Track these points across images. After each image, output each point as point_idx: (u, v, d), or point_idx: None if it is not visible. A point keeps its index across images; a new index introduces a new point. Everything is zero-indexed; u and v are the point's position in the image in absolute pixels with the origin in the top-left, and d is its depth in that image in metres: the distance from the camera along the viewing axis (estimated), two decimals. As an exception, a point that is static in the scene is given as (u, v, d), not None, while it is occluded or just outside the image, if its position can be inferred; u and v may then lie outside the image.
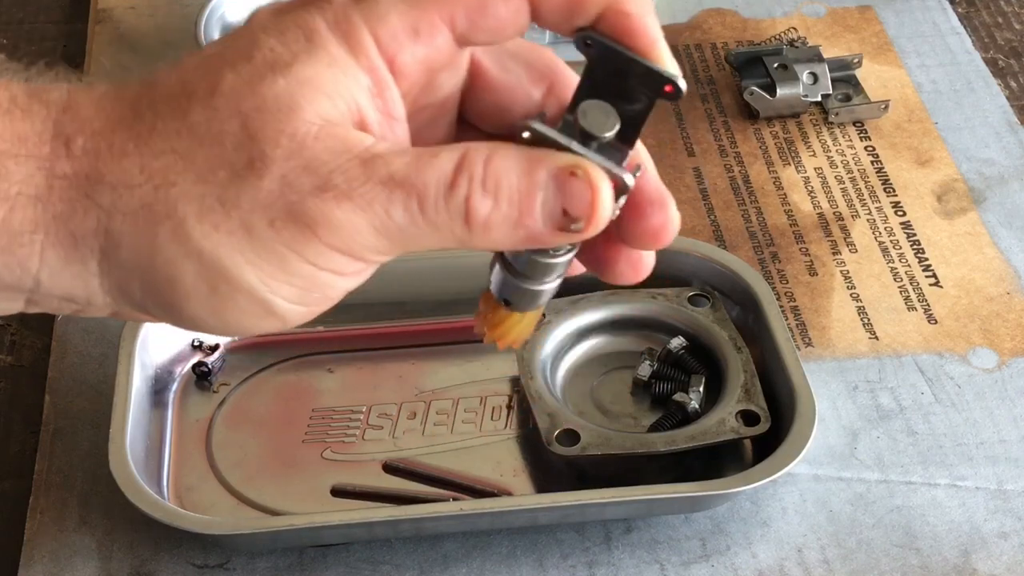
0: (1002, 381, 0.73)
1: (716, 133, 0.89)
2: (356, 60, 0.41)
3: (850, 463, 0.69)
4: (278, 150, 0.40)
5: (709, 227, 0.82)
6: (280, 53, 0.41)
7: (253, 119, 0.40)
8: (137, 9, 0.98)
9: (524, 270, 0.44)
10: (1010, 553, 0.65)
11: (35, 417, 0.71)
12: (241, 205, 0.40)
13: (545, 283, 0.45)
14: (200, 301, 0.42)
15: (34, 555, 0.64)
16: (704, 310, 0.72)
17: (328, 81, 0.40)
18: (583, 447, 0.65)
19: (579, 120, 0.42)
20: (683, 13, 0.99)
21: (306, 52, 0.40)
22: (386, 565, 0.65)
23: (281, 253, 0.41)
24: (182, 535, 0.63)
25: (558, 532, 0.66)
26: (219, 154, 0.40)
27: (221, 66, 0.41)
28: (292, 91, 0.40)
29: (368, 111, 0.41)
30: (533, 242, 0.42)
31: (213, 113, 0.40)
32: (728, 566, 0.65)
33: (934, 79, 0.93)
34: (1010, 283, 0.79)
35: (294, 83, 0.40)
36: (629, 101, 0.42)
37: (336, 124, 0.40)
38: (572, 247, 0.44)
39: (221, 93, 0.41)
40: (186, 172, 0.40)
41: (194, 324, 0.43)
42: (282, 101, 0.40)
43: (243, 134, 0.40)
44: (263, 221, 0.40)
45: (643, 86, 0.42)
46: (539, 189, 0.40)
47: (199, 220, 0.40)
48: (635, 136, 0.43)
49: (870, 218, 0.83)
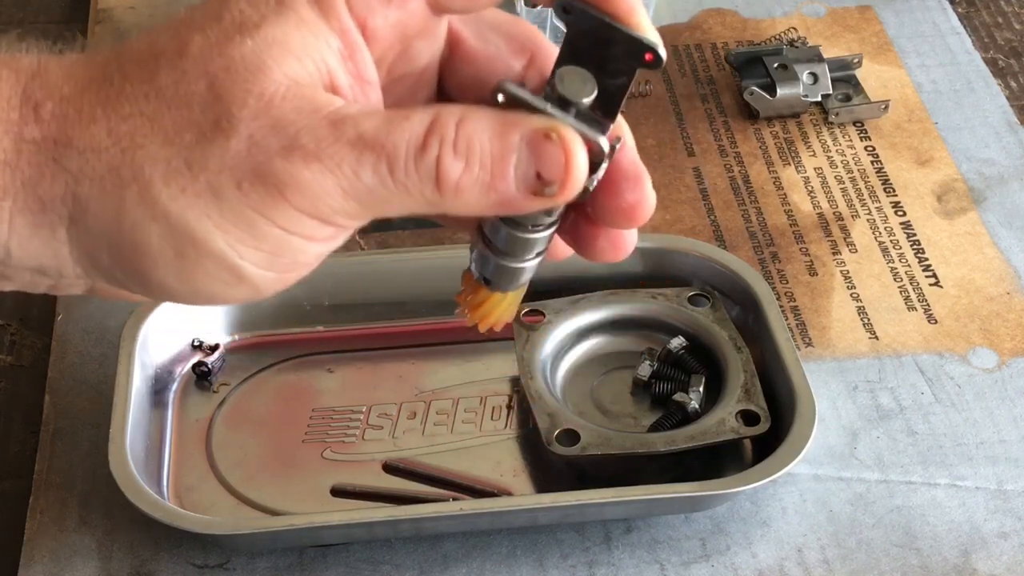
0: (1002, 381, 0.73)
1: (716, 133, 0.89)
2: (327, 22, 0.40)
3: (850, 463, 0.69)
4: (244, 110, 0.39)
5: (709, 227, 0.82)
6: (249, 15, 0.40)
7: (220, 80, 0.40)
8: (137, 9, 0.98)
9: (503, 247, 0.44)
10: (1010, 553, 0.65)
11: (35, 417, 0.71)
12: (208, 167, 0.40)
13: (525, 261, 0.45)
14: (167, 267, 0.41)
15: (34, 555, 0.64)
16: (704, 310, 0.72)
17: (297, 42, 0.40)
18: (583, 447, 0.65)
19: (556, 85, 0.41)
20: (683, 13, 0.99)
21: (275, 13, 0.40)
22: (386, 565, 0.65)
23: (249, 216, 0.40)
24: (182, 535, 0.63)
25: (558, 532, 0.66)
26: (186, 116, 0.40)
27: (190, 29, 0.41)
28: (259, 51, 0.40)
29: (338, 73, 0.41)
30: (506, 207, 0.41)
31: (181, 75, 0.40)
32: (728, 566, 0.65)
33: (934, 79, 0.93)
34: (1010, 283, 0.79)
35: (262, 43, 0.40)
36: (609, 72, 0.42)
37: (304, 85, 0.40)
38: (551, 223, 0.43)
39: (189, 55, 0.40)
40: (153, 135, 0.40)
41: (163, 292, 0.42)
42: (249, 61, 0.39)
43: (210, 95, 0.40)
44: (230, 183, 0.40)
45: (623, 55, 0.41)
46: (512, 152, 0.40)
47: (166, 183, 0.40)
48: (616, 109, 0.42)
49: (870, 218, 0.83)
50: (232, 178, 0.40)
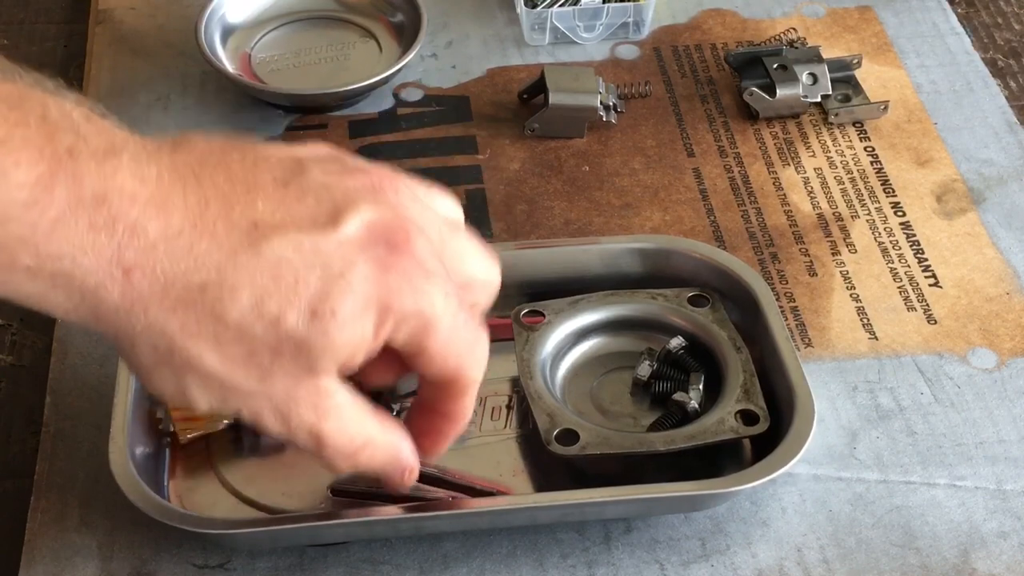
0: (1001, 381, 0.73)
1: (716, 134, 0.89)
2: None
3: (849, 463, 0.69)
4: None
5: (709, 227, 0.82)
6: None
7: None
8: (138, 10, 0.98)
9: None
10: (1009, 553, 0.65)
11: (36, 417, 0.71)
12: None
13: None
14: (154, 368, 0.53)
15: (35, 555, 0.64)
16: (704, 311, 0.73)
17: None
18: (582, 447, 0.65)
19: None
20: (683, 13, 0.99)
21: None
22: (386, 565, 0.65)
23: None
24: (183, 535, 0.63)
25: (558, 532, 0.66)
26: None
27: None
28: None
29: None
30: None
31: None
32: (728, 566, 0.65)
33: (933, 79, 0.93)
34: (1009, 283, 0.79)
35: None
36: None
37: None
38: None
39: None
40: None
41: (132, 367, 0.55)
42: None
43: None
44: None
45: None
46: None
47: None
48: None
49: (870, 218, 0.83)
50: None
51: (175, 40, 0.95)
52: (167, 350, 0.52)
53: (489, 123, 0.90)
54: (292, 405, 0.54)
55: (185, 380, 0.53)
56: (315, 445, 0.56)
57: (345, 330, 0.52)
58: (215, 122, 0.89)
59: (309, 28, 0.96)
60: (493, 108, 0.91)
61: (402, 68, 0.90)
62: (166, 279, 0.51)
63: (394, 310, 0.53)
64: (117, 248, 0.50)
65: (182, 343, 0.52)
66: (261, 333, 0.52)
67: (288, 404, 0.54)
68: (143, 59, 0.94)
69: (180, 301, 0.51)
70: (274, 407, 0.54)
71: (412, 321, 0.54)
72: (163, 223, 0.50)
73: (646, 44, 0.96)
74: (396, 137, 0.89)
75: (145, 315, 0.51)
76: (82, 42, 0.96)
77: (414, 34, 0.92)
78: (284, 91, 0.90)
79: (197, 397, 0.54)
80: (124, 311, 0.51)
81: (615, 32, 0.96)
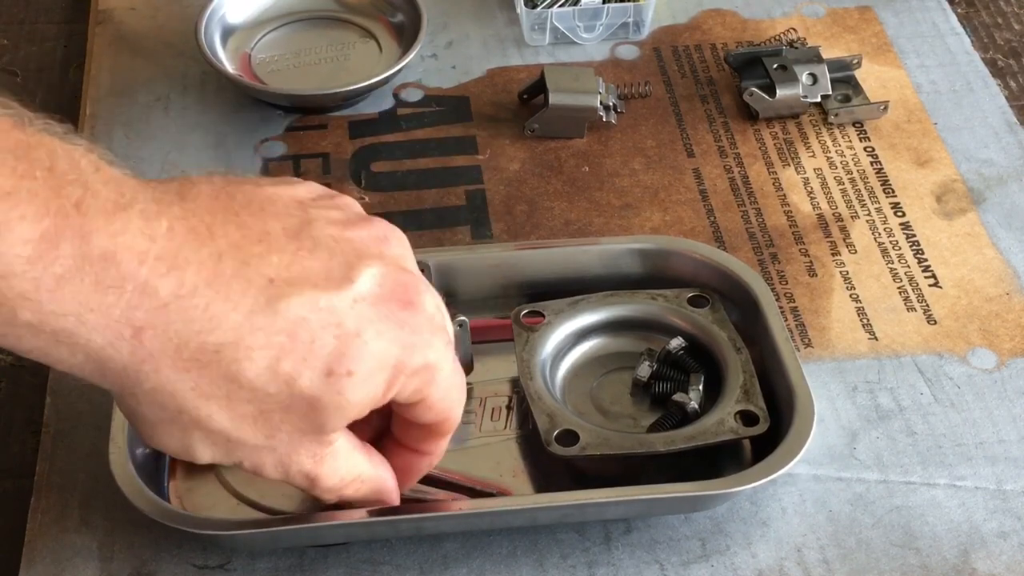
0: (1001, 381, 0.74)
1: (716, 134, 0.89)
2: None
3: (849, 463, 0.69)
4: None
5: (709, 228, 0.82)
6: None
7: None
8: (138, 10, 0.98)
9: None
10: (1009, 553, 0.65)
11: (36, 417, 0.71)
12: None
13: None
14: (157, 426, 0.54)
15: (35, 556, 0.64)
16: (704, 311, 0.73)
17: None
18: (582, 447, 0.65)
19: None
20: (683, 14, 0.99)
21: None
22: (386, 565, 0.65)
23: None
24: (183, 536, 0.63)
25: (558, 532, 0.66)
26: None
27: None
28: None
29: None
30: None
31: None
32: (728, 566, 0.65)
33: (933, 80, 0.93)
34: (1009, 283, 0.79)
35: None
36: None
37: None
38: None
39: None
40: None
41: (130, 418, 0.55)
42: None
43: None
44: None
45: None
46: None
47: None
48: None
49: (869, 219, 0.83)
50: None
51: (175, 40, 0.95)
52: (176, 409, 0.52)
53: (489, 123, 0.90)
54: (294, 456, 0.55)
55: (191, 437, 0.53)
56: (308, 485, 0.57)
57: (360, 389, 0.53)
58: (215, 122, 0.89)
59: (309, 28, 0.96)
60: (493, 108, 0.91)
61: (402, 68, 0.90)
62: (179, 339, 0.50)
63: (406, 367, 0.54)
64: (126, 307, 0.49)
65: (193, 403, 0.51)
66: (275, 392, 0.52)
67: (290, 456, 0.55)
68: (143, 59, 0.94)
69: (194, 361, 0.50)
70: (277, 459, 0.55)
71: (421, 375, 0.55)
72: (175, 282, 0.49)
73: (646, 44, 0.96)
74: (396, 137, 0.89)
75: (156, 374, 0.50)
76: (82, 42, 0.96)
77: (414, 34, 0.92)
78: (284, 91, 0.90)
79: (201, 452, 0.54)
80: (132, 370, 0.50)
81: (615, 32, 0.96)
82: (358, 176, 0.85)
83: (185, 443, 0.54)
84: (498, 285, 0.75)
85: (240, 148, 0.87)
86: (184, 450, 0.54)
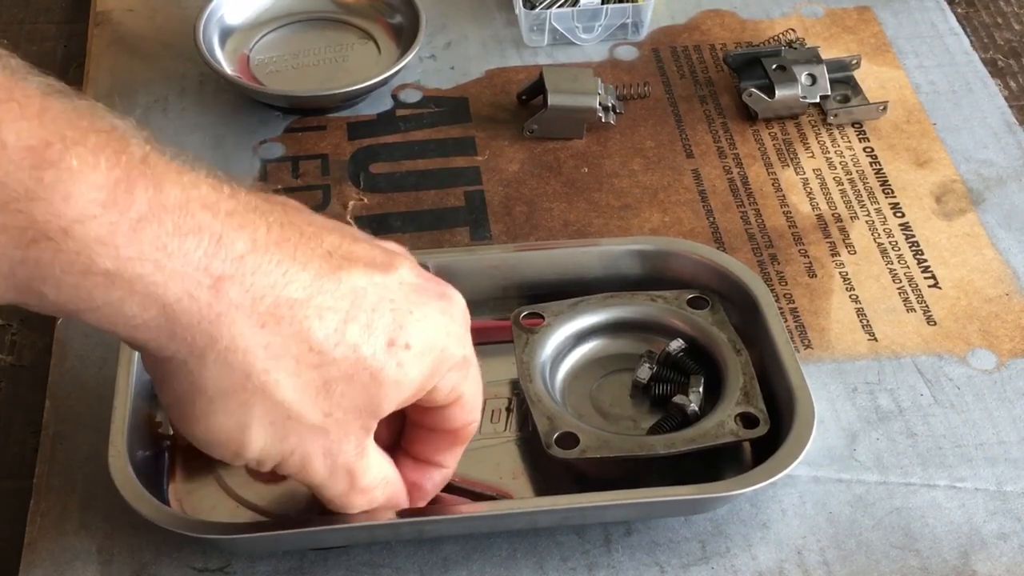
0: (1001, 382, 0.73)
1: (715, 134, 0.89)
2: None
3: (849, 465, 0.69)
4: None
5: (708, 229, 0.82)
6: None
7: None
8: (136, 11, 0.98)
9: None
10: (1009, 554, 0.65)
11: (36, 417, 0.71)
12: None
13: None
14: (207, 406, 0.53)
15: (34, 559, 0.64)
16: (703, 312, 0.72)
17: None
18: (582, 450, 0.65)
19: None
20: (682, 14, 0.99)
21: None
22: (386, 568, 0.65)
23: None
24: (183, 539, 0.63)
25: (558, 535, 0.66)
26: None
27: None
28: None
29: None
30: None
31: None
32: (728, 568, 0.65)
33: (932, 80, 0.93)
34: (1009, 284, 0.79)
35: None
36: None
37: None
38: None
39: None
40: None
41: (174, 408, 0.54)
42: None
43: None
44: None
45: None
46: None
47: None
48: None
49: (869, 219, 0.83)
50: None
51: (173, 42, 0.95)
52: (244, 373, 0.51)
53: (488, 124, 0.90)
54: (344, 444, 0.55)
55: (251, 414, 0.52)
56: (347, 484, 0.57)
57: (416, 365, 0.54)
58: (214, 123, 0.89)
59: (307, 29, 0.96)
60: (492, 109, 0.91)
61: (401, 69, 0.90)
62: (255, 292, 0.50)
63: (449, 356, 0.56)
64: (204, 255, 0.49)
65: (263, 364, 0.51)
66: (340, 357, 0.52)
67: (340, 444, 0.55)
68: (142, 61, 0.94)
69: (270, 316, 0.50)
70: (327, 447, 0.55)
71: (460, 368, 0.56)
72: (248, 237, 0.50)
73: (645, 45, 0.96)
74: (395, 139, 0.88)
75: (231, 329, 0.50)
76: (82, 42, 0.96)
77: (412, 35, 0.92)
78: (283, 93, 0.90)
79: (254, 435, 0.53)
80: (208, 322, 0.50)
81: (614, 33, 0.96)
82: (357, 177, 0.85)
83: (243, 421, 0.52)
84: (497, 286, 0.75)
85: (239, 149, 0.87)
86: (239, 430, 0.53)
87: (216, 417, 0.52)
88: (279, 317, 0.51)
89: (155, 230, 0.47)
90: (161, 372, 0.52)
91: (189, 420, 0.53)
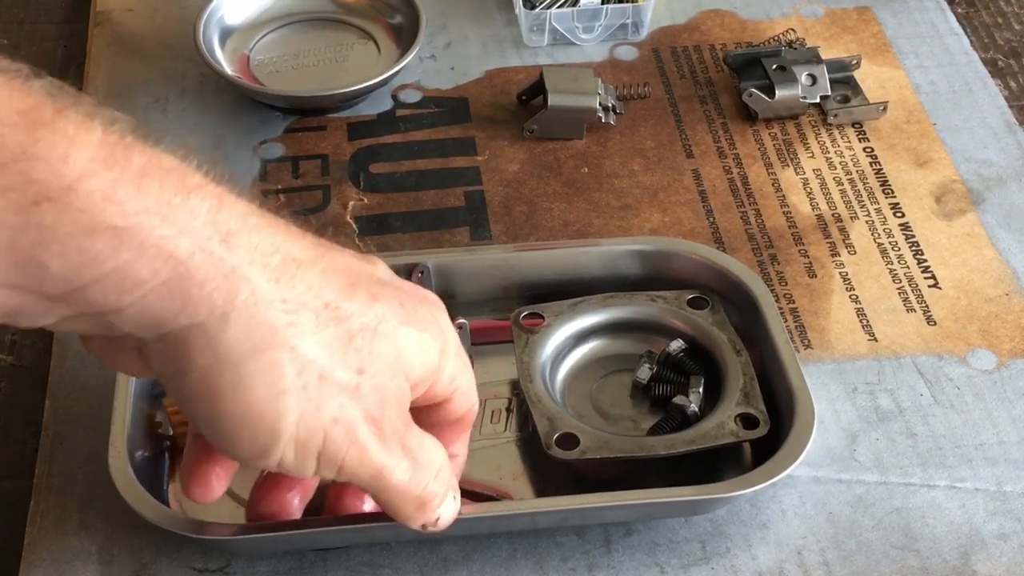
0: (1001, 382, 0.73)
1: (715, 135, 0.89)
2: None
3: (849, 465, 0.69)
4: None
5: (708, 229, 0.82)
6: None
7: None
8: (136, 11, 0.98)
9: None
10: (1009, 555, 0.65)
11: (36, 417, 0.71)
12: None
13: None
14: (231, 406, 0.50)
15: (34, 559, 0.64)
16: (703, 313, 0.72)
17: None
18: (582, 451, 0.65)
19: None
20: (682, 14, 0.99)
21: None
22: (386, 569, 0.65)
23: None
24: (182, 539, 0.63)
25: (558, 535, 0.66)
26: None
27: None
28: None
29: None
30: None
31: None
32: (728, 568, 0.65)
33: (932, 80, 0.93)
34: (1009, 284, 0.79)
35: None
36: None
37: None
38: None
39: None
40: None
41: (195, 406, 0.51)
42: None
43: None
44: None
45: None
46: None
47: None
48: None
49: (869, 220, 0.83)
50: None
51: (173, 42, 0.95)
52: (269, 327, 0.49)
53: (488, 124, 0.90)
54: (385, 408, 0.53)
55: (283, 374, 0.49)
56: (408, 457, 0.54)
57: (434, 319, 0.56)
58: (213, 124, 0.89)
59: (307, 30, 0.96)
60: (492, 109, 0.91)
61: (401, 70, 0.90)
62: (263, 248, 0.49)
63: (450, 344, 0.56)
64: (210, 210, 0.48)
65: (287, 318, 0.49)
66: (356, 311, 0.52)
67: (382, 407, 0.53)
68: (141, 61, 0.94)
69: (282, 272, 0.50)
70: (367, 410, 0.52)
71: (457, 355, 0.57)
72: (245, 203, 0.50)
73: (645, 45, 0.96)
74: (395, 139, 0.88)
75: (248, 282, 0.49)
76: (82, 42, 0.96)
77: (412, 35, 0.92)
78: (283, 93, 0.90)
79: (290, 404, 0.50)
80: (224, 276, 0.48)
81: (614, 33, 0.96)
82: (357, 177, 0.85)
83: (276, 385, 0.49)
84: (497, 287, 0.75)
85: (239, 150, 0.87)
86: (272, 398, 0.49)
87: (245, 386, 0.49)
88: (291, 274, 0.50)
89: (158, 187, 0.47)
90: (176, 358, 0.49)
91: (216, 398, 0.49)
